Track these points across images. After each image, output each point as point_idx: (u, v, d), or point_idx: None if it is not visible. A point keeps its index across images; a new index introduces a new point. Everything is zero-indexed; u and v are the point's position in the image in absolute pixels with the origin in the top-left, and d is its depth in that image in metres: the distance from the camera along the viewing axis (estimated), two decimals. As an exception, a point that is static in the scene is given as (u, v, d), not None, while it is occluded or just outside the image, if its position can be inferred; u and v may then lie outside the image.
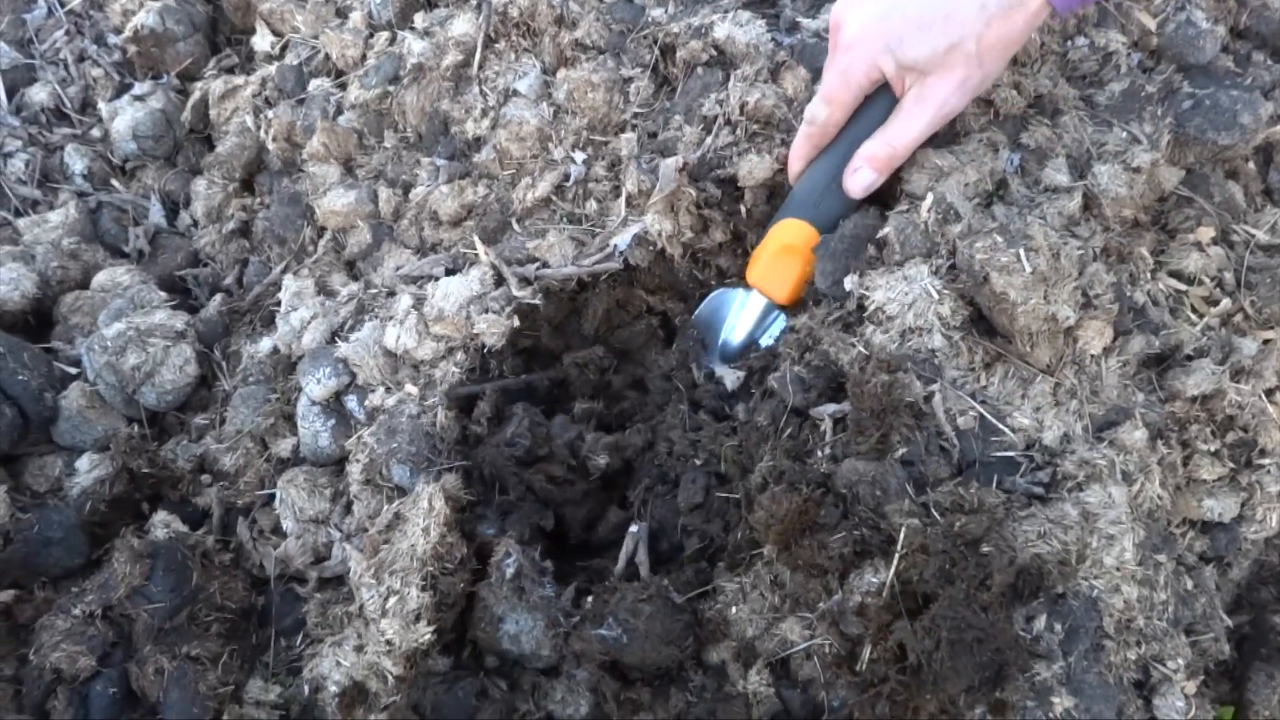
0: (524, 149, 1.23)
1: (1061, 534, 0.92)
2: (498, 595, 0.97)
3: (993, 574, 0.88)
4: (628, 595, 0.97)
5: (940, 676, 0.85)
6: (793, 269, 1.11)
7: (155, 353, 1.18)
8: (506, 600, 0.97)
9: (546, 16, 1.26)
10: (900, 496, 0.92)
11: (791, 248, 1.10)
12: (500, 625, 0.96)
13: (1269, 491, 1.03)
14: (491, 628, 0.97)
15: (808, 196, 1.10)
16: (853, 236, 1.08)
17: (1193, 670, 0.94)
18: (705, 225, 1.20)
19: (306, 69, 1.44)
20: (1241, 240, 1.12)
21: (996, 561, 0.89)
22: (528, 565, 1.00)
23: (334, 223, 1.31)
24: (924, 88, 0.99)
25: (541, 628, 0.96)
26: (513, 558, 0.99)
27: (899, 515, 0.91)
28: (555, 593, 1.00)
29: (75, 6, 1.60)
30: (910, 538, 0.90)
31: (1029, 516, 0.93)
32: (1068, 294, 0.99)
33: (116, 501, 1.08)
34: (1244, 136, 1.12)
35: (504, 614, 0.97)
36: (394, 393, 1.12)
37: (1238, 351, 1.04)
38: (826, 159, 1.08)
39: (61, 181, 1.46)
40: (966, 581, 0.87)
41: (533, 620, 0.96)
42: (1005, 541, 0.91)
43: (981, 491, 0.92)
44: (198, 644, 0.96)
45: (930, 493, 0.93)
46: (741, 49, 1.21)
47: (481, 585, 0.99)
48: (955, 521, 0.90)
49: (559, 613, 0.97)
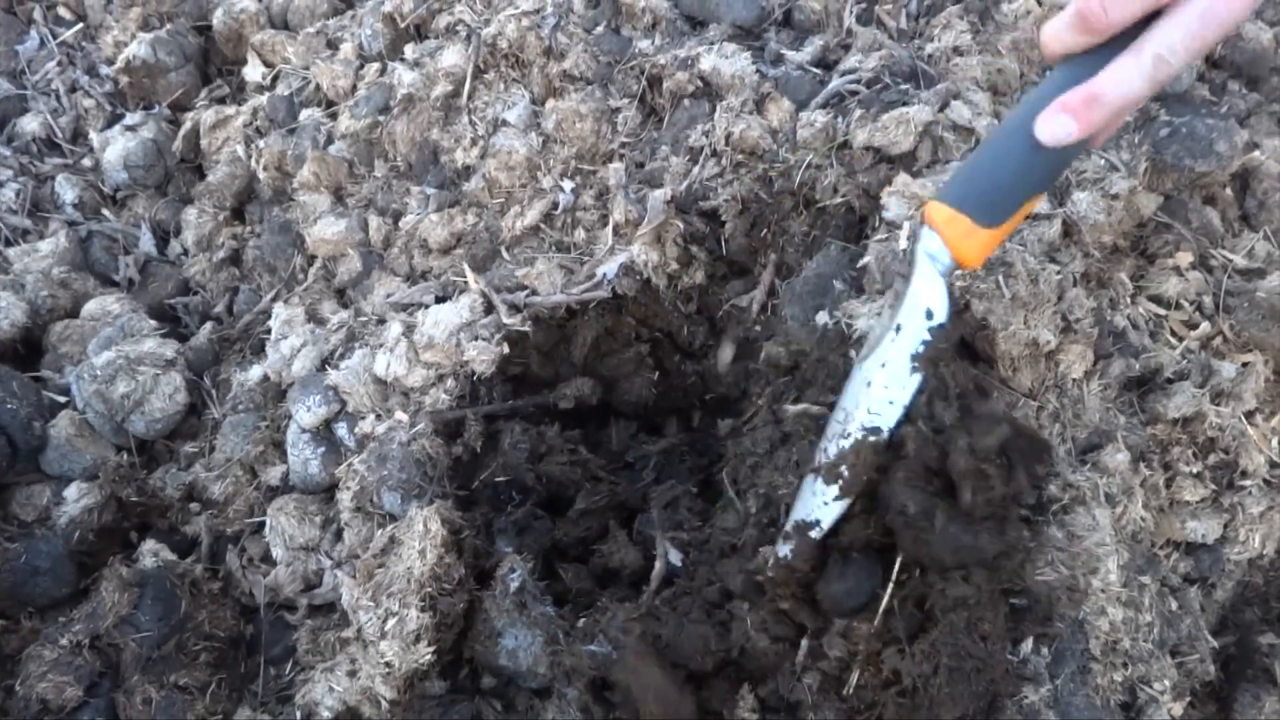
0: (513, 178, 1.24)
1: (1070, 561, 0.93)
2: (500, 607, 0.98)
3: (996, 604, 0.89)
4: (618, 614, 0.97)
5: (936, 703, 0.85)
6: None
7: (145, 381, 1.18)
8: (508, 614, 0.98)
9: (535, 48, 1.28)
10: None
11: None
12: (499, 640, 0.97)
13: (1251, 513, 1.04)
14: (490, 642, 0.97)
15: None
16: (817, 276, 1.09)
17: (1179, 691, 0.95)
18: (689, 259, 1.22)
19: (297, 99, 1.45)
20: (1219, 265, 1.14)
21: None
22: (531, 582, 1.00)
23: (324, 251, 1.32)
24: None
25: (540, 644, 0.97)
26: (517, 572, 1.00)
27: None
28: (555, 611, 1.00)
29: (67, 38, 1.61)
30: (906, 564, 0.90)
31: (1037, 546, 0.94)
32: (1047, 319, 1.01)
33: (105, 530, 1.08)
34: (1220, 164, 1.14)
35: (504, 628, 0.97)
36: (384, 420, 1.12)
37: (1217, 374, 1.05)
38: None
39: (52, 211, 1.47)
40: (973, 612, 0.87)
41: (531, 636, 0.97)
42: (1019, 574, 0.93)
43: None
44: (186, 673, 0.96)
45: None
46: (727, 80, 1.23)
47: (485, 596, 0.99)
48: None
49: (558, 630, 0.98)
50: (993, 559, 0.88)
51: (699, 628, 0.96)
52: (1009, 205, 0.83)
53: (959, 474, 0.85)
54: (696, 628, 0.96)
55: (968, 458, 0.84)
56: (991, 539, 0.86)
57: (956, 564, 0.88)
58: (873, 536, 0.92)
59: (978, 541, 0.86)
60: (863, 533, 0.91)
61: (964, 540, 0.86)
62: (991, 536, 0.86)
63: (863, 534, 0.91)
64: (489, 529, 1.10)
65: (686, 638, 0.95)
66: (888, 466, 0.87)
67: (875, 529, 0.92)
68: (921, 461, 0.87)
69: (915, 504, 0.86)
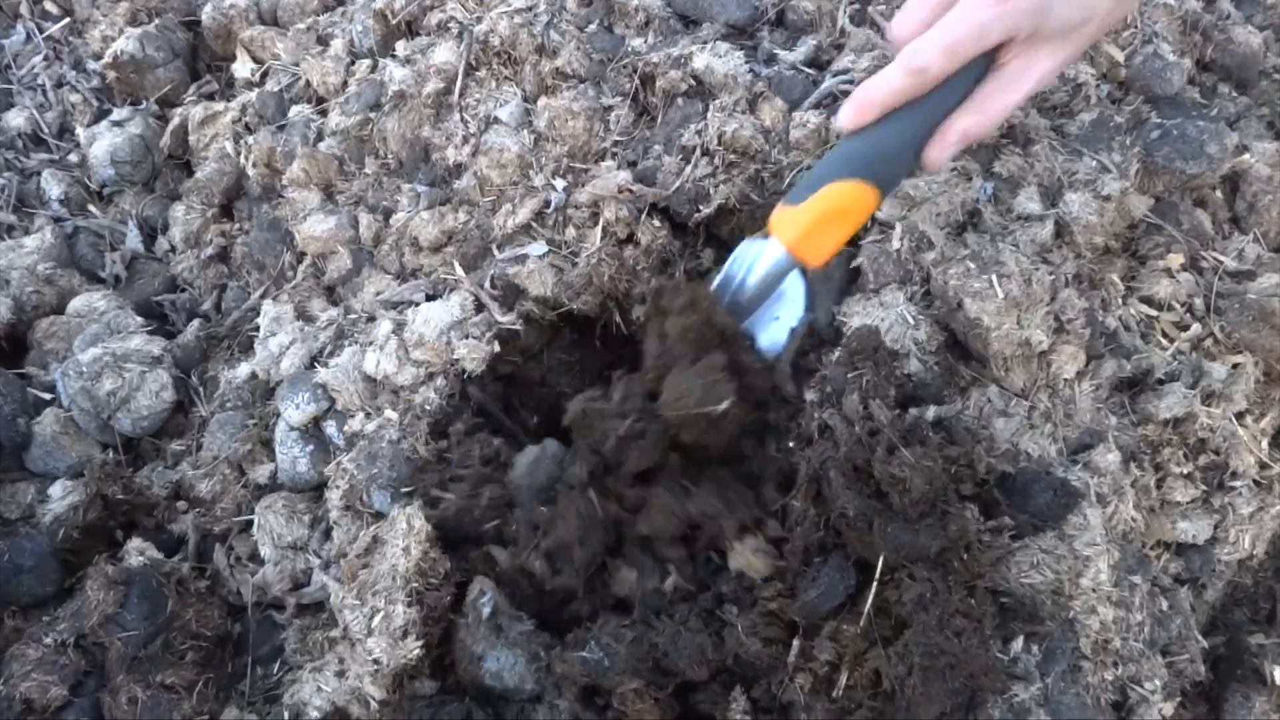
0: (504, 176, 1.24)
1: (1054, 564, 0.93)
2: (475, 635, 0.96)
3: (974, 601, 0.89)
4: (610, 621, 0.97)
5: (913, 703, 0.85)
6: (840, 235, 0.97)
7: (131, 378, 1.17)
8: (485, 639, 0.96)
9: (527, 45, 1.28)
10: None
11: (847, 212, 0.94)
12: (482, 664, 0.96)
13: (1241, 513, 1.04)
14: (474, 666, 0.96)
15: (879, 156, 0.91)
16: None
17: (1169, 691, 0.95)
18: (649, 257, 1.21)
19: (287, 95, 1.44)
20: (1210, 266, 1.15)
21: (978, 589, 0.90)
22: (503, 602, 0.99)
23: (314, 248, 1.31)
24: (1032, 59, 0.86)
25: (524, 663, 0.95)
26: (488, 596, 0.98)
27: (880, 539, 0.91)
28: (534, 627, 0.99)
29: (54, 32, 1.60)
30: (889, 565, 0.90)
31: (1022, 547, 0.94)
32: (1040, 319, 1.01)
33: (90, 529, 1.06)
34: (1211, 166, 1.14)
35: (484, 652, 0.96)
36: (374, 418, 1.11)
37: (1208, 375, 1.06)
38: (908, 118, 0.89)
39: (38, 206, 1.45)
40: (940, 608, 0.87)
41: (513, 657, 0.96)
42: (1000, 574, 0.93)
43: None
44: (172, 672, 0.95)
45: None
46: (720, 79, 1.23)
47: (460, 624, 0.98)
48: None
49: (539, 646, 0.97)
50: (936, 555, 0.89)
51: (696, 637, 0.95)
52: (809, 185, 0.93)
53: (882, 480, 0.89)
54: (693, 637, 0.95)
55: (883, 463, 0.89)
56: (931, 535, 0.88)
57: (899, 563, 0.90)
58: (826, 538, 0.94)
59: (918, 539, 0.88)
60: (815, 535, 0.93)
61: (903, 539, 0.89)
62: (931, 533, 0.88)
63: (815, 536, 0.93)
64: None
65: (683, 647, 0.94)
66: None
67: (827, 530, 0.94)
68: (852, 463, 0.91)
69: (853, 506, 0.90)
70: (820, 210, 0.93)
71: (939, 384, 1.03)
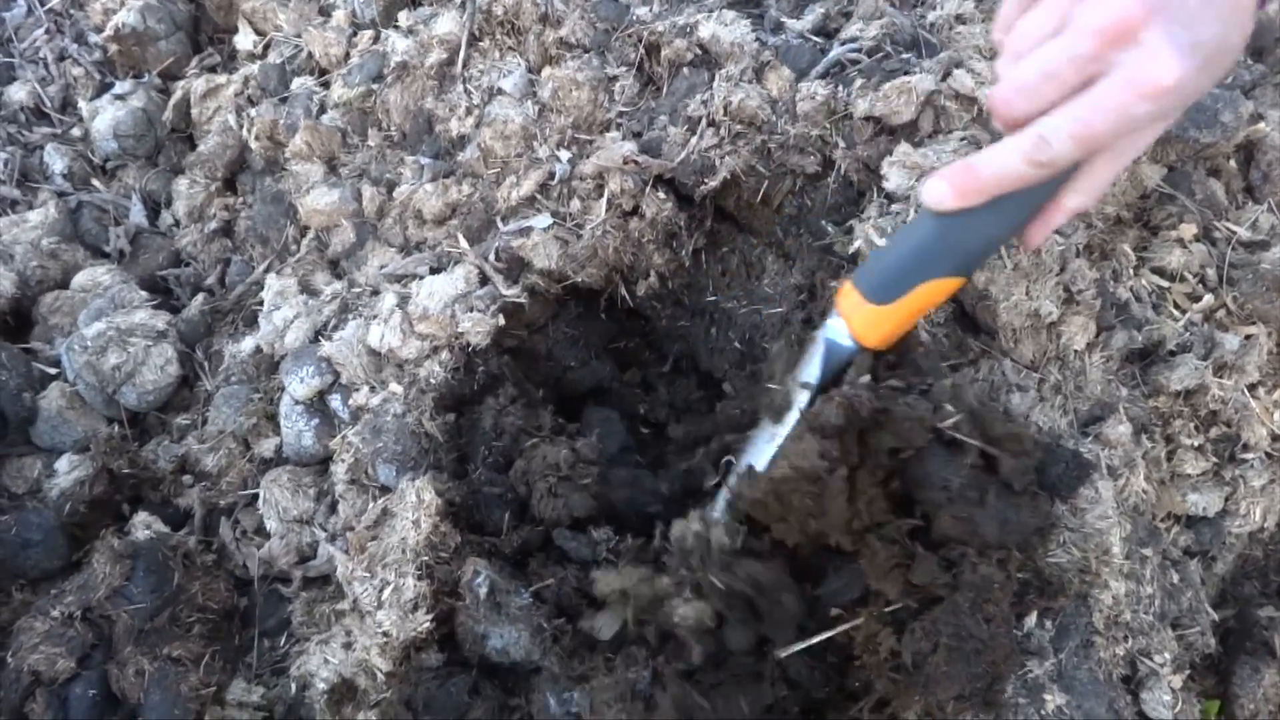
0: (508, 147, 1.22)
1: (1081, 542, 0.92)
2: (476, 616, 0.96)
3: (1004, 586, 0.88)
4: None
5: (932, 680, 0.85)
6: (913, 323, 0.88)
7: (136, 353, 1.17)
8: (487, 618, 0.96)
9: (531, 15, 1.26)
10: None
11: (935, 304, 0.86)
12: (486, 641, 0.96)
13: (1252, 486, 1.03)
14: (478, 645, 0.96)
15: (984, 250, 0.81)
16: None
17: (1179, 664, 0.94)
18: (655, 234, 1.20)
19: (289, 68, 1.43)
20: (1223, 237, 1.13)
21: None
22: (499, 580, 0.99)
23: (317, 221, 1.31)
24: (1143, 132, 0.73)
25: (527, 637, 0.95)
26: (483, 576, 0.98)
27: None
28: (533, 600, 0.98)
29: (55, 5, 1.58)
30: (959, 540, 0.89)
31: (1049, 526, 0.93)
32: (1049, 290, 1.00)
33: (96, 502, 1.07)
34: (1225, 135, 1.13)
35: (487, 630, 0.96)
36: (378, 392, 1.11)
37: (1220, 347, 1.04)
38: (1019, 205, 0.75)
39: (41, 181, 1.45)
40: (974, 590, 0.86)
41: (517, 631, 0.95)
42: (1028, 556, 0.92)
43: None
44: (179, 645, 0.95)
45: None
46: (726, 48, 1.21)
47: (459, 608, 0.97)
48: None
49: (541, 619, 0.97)
50: (1033, 533, 0.88)
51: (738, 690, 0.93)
52: (898, 282, 0.81)
53: (995, 440, 0.83)
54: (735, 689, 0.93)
55: (1003, 422, 0.84)
56: (1032, 513, 0.86)
57: (1000, 542, 0.86)
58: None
59: (1020, 516, 0.85)
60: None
61: (1008, 515, 0.84)
62: (1031, 510, 0.86)
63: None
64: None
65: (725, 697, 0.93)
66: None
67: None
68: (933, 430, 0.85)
69: (959, 478, 0.84)
70: (912, 311, 0.84)
71: (949, 356, 1.02)
